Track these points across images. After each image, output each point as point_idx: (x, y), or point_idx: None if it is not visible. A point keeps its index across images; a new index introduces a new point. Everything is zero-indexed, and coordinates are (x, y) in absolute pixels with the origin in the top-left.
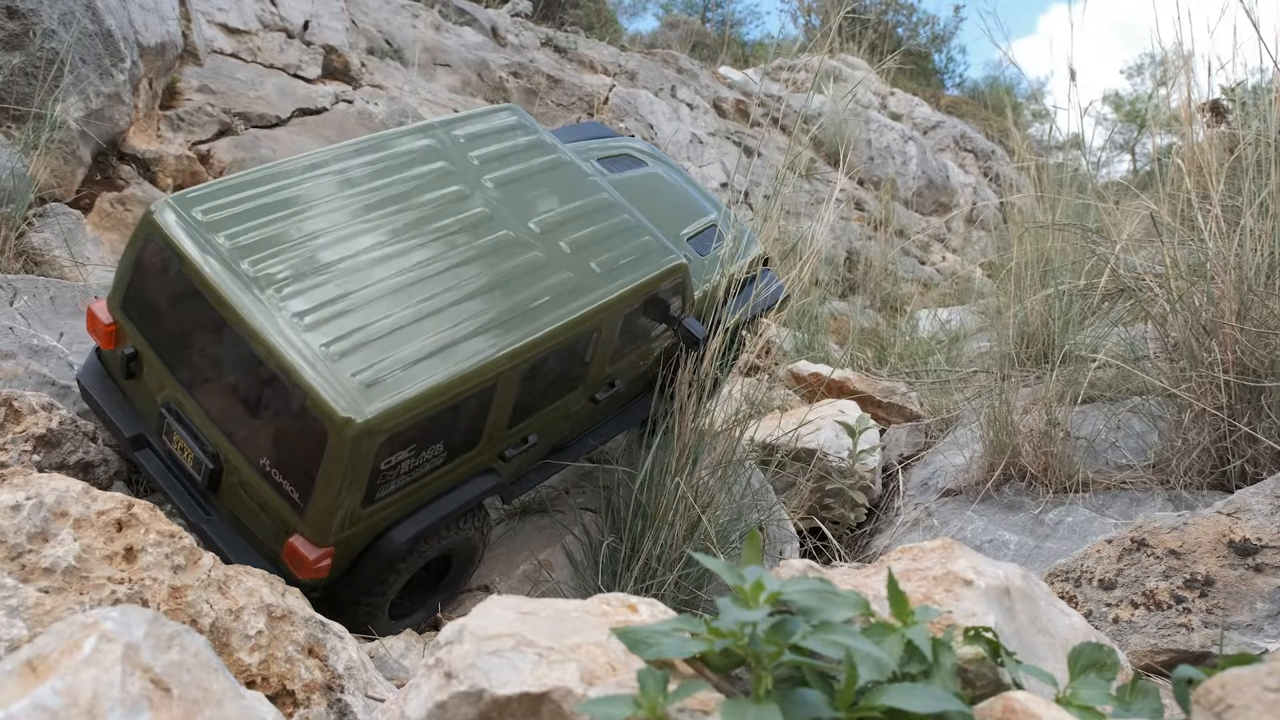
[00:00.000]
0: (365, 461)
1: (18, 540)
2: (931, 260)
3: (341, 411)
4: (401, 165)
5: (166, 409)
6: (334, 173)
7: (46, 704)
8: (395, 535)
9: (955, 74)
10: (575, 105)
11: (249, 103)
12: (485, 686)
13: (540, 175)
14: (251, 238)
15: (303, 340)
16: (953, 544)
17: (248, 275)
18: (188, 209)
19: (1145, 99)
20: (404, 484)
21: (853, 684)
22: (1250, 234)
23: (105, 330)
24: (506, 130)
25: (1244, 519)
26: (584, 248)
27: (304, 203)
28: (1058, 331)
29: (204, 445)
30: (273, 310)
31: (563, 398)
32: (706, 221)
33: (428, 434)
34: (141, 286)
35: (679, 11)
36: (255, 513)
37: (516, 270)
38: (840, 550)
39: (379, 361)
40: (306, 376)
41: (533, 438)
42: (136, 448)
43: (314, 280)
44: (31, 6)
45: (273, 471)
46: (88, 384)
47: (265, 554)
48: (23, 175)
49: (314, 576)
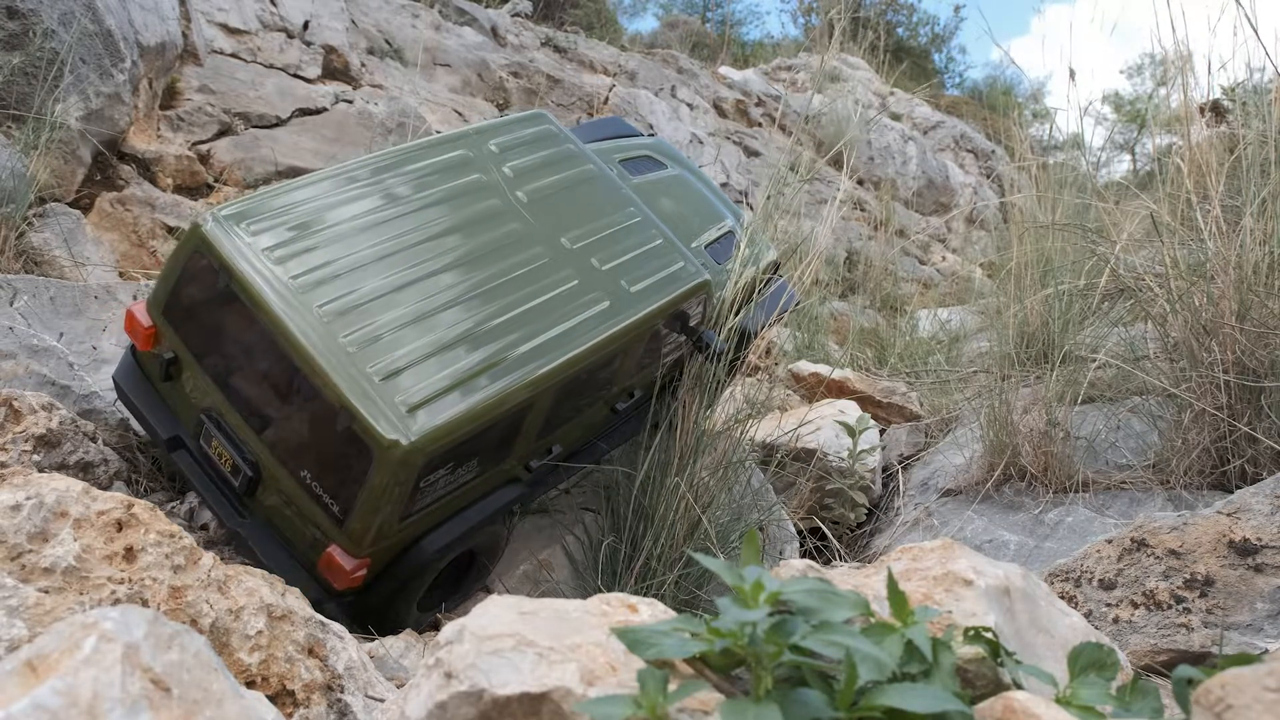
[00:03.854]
0: (407, 481)
1: (18, 540)
2: (931, 260)
3: (388, 435)
4: (438, 179)
5: (206, 415)
6: (375, 186)
7: (46, 704)
8: (426, 544)
9: (955, 74)
10: (575, 105)
11: (249, 103)
12: (485, 686)
13: (573, 190)
14: (298, 255)
15: (349, 361)
16: (953, 544)
17: (294, 293)
18: (235, 223)
19: (1145, 99)
20: (439, 497)
21: (853, 684)
22: (1250, 234)
23: (145, 333)
24: (538, 140)
25: (1244, 519)
26: (616, 266)
27: (347, 219)
28: (1058, 331)
29: (243, 453)
30: (319, 329)
31: (588, 410)
32: (724, 228)
33: (465, 452)
34: (185, 295)
35: (679, 11)
36: (292, 520)
37: (552, 290)
38: (840, 550)
39: (423, 383)
40: (353, 399)
41: (556, 448)
42: (172, 449)
43: (359, 300)
44: (31, 6)
45: (314, 484)
46: (123, 383)
47: (299, 559)
48: (23, 175)
49: (350, 585)
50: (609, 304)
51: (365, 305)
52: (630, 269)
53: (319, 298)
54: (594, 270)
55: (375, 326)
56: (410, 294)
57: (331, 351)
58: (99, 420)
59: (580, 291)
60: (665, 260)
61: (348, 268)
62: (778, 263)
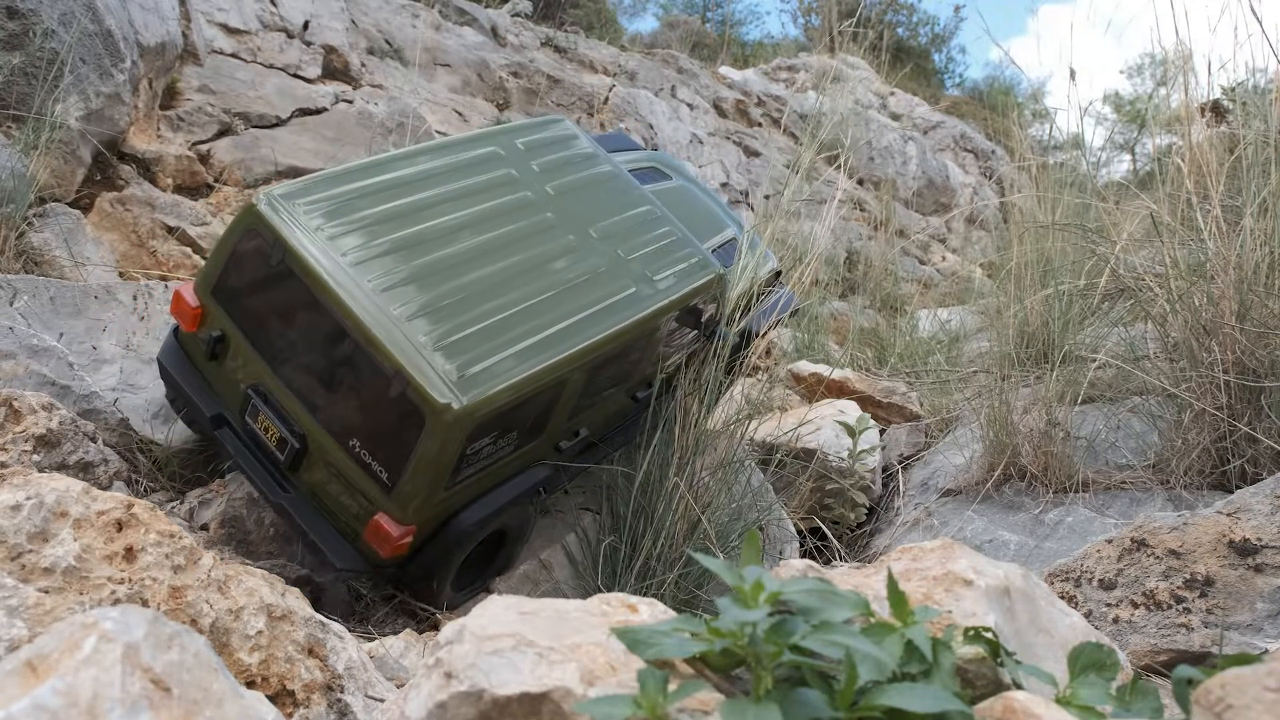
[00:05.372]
0: (456, 446)
1: (18, 540)
2: (931, 260)
3: (440, 398)
4: (474, 170)
5: (254, 390)
6: (416, 175)
7: (46, 704)
8: (465, 517)
9: (955, 74)
10: (575, 105)
11: (249, 103)
12: (485, 686)
13: (595, 187)
14: (348, 234)
15: (404, 331)
16: (953, 544)
17: (352, 268)
18: (288, 203)
19: (1145, 99)
20: (481, 468)
21: (853, 684)
22: (1250, 234)
23: (192, 313)
24: (561, 141)
25: (1244, 519)
26: (640, 256)
27: (393, 205)
28: (1058, 331)
29: (290, 426)
30: (372, 301)
31: (612, 394)
32: (727, 236)
33: (508, 423)
34: (236, 274)
35: (679, 11)
36: (337, 492)
37: (585, 274)
38: (840, 550)
39: (472, 353)
40: (407, 364)
41: (583, 431)
42: (216, 427)
43: (408, 277)
44: (31, 6)
45: (362, 452)
46: (168, 364)
47: (342, 530)
48: (23, 175)
49: (395, 553)
50: (636, 289)
51: (414, 282)
52: (653, 259)
53: (370, 273)
54: (621, 259)
55: (425, 301)
56: (455, 273)
57: (385, 321)
58: (99, 420)
59: (610, 277)
60: (684, 253)
61: (395, 247)
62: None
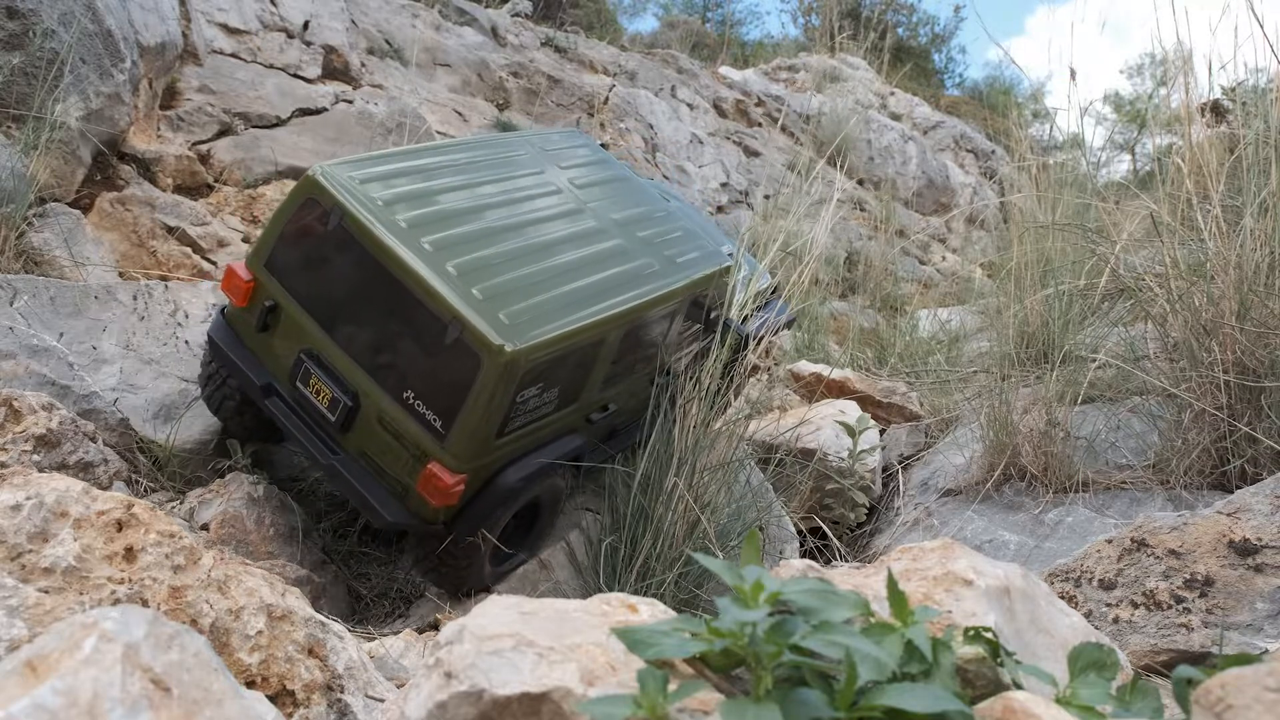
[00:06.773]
0: (509, 389)
1: (18, 540)
2: (931, 260)
3: (495, 340)
4: (507, 159)
5: (306, 354)
6: (456, 161)
7: (46, 704)
8: (508, 475)
9: (955, 74)
10: (575, 105)
11: (249, 103)
12: (485, 686)
13: (613, 184)
14: (402, 202)
15: (459, 284)
16: (953, 544)
17: (406, 230)
18: (346, 171)
19: (1145, 99)
20: (526, 422)
21: (853, 684)
22: (1250, 234)
23: (244, 287)
24: (577, 146)
25: (1244, 519)
26: (661, 242)
27: (439, 181)
28: (1058, 331)
29: (343, 385)
30: (429, 257)
31: (636, 373)
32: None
33: (552, 376)
34: (290, 244)
35: (679, 11)
36: (389, 446)
37: (615, 251)
38: (840, 550)
39: (521, 305)
40: (464, 312)
41: (612, 406)
42: (266, 396)
43: (460, 240)
44: (31, 6)
45: (416, 403)
46: (219, 339)
47: (392, 488)
48: (23, 175)
49: (446, 503)
50: (659, 267)
51: (464, 244)
52: (671, 246)
53: (425, 234)
54: (645, 240)
55: (477, 259)
56: (501, 239)
57: (441, 274)
58: (99, 420)
59: (637, 254)
60: (698, 243)
61: (445, 215)
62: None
